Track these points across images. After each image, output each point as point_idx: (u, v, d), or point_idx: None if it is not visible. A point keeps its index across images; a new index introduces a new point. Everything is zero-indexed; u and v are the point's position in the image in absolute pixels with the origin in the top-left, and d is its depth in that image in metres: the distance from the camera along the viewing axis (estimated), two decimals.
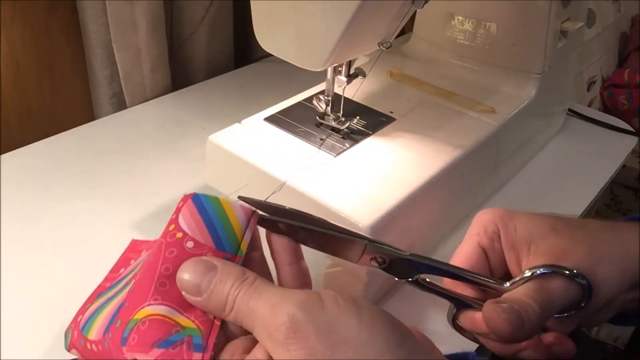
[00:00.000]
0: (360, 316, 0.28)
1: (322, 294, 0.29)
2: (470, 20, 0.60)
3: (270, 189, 0.44)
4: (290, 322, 0.28)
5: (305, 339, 0.27)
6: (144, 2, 0.64)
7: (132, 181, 0.57)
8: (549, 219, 0.39)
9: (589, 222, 0.40)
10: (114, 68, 0.68)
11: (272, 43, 0.44)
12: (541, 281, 0.35)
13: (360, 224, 0.39)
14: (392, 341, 0.28)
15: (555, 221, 0.39)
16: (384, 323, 0.29)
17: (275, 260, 0.35)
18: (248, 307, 0.29)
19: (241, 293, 0.30)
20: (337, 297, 0.29)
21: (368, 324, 0.28)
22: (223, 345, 0.31)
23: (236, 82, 0.77)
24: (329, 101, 0.48)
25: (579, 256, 0.36)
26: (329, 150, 0.46)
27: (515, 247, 0.38)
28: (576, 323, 0.38)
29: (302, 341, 0.27)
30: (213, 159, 0.48)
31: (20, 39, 0.62)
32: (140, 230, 0.50)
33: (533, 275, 0.34)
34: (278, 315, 0.28)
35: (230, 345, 0.31)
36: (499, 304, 0.33)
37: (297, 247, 0.35)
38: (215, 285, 0.30)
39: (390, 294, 0.45)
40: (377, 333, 0.28)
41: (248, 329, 0.30)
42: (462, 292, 0.38)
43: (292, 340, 0.27)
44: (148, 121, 0.67)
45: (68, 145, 0.61)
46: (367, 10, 0.37)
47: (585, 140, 0.71)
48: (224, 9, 0.77)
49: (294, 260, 0.34)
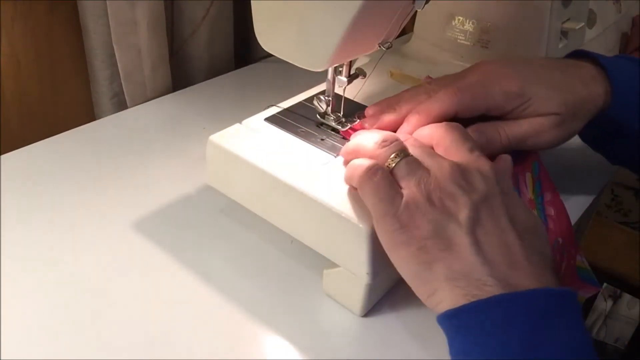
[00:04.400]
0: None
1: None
2: (470, 21, 0.60)
3: (271, 189, 0.44)
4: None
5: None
6: (145, 2, 0.64)
7: (132, 181, 0.57)
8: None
9: (535, 59, 0.49)
10: (115, 68, 0.68)
11: (273, 43, 0.44)
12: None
13: (361, 224, 0.39)
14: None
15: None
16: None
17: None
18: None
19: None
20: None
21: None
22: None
23: (237, 82, 0.77)
24: (329, 101, 0.48)
25: (512, 75, 0.44)
26: (329, 150, 0.46)
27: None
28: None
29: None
30: (214, 159, 0.48)
31: (20, 39, 0.62)
32: (140, 230, 0.50)
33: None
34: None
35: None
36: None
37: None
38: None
39: (391, 293, 0.45)
40: None
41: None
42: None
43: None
44: (149, 121, 0.67)
45: (68, 146, 0.61)
46: (368, 10, 0.37)
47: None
48: (225, 9, 0.77)
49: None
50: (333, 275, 0.44)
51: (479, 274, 0.33)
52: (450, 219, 0.35)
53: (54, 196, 0.54)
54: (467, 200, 0.35)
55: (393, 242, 0.36)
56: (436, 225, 0.35)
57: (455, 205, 0.35)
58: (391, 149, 0.38)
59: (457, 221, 0.35)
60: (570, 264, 0.47)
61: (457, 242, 0.35)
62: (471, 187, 0.36)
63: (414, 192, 0.36)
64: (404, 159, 0.37)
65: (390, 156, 0.38)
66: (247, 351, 0.41)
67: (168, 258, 0.48)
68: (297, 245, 0.46)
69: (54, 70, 0.67)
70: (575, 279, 0.47)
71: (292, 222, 0.44)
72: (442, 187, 0.36)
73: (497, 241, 0.35)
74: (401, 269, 0.37)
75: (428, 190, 0.36)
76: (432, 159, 0.38)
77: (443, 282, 0.34)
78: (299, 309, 0.44)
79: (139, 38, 0.66)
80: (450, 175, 0.36)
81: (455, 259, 0.34)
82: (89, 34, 0.65)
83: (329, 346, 0.41)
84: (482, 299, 0.33)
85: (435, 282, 0.35)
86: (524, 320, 0.32)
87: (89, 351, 0.40)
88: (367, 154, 0.40)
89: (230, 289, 0.45)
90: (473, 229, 0.35)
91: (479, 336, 0.32)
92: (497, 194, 0.37)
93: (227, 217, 0.52)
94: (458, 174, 0.37)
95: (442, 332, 0.35)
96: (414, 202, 0.36)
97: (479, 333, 0.32)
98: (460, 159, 0.39)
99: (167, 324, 0.42)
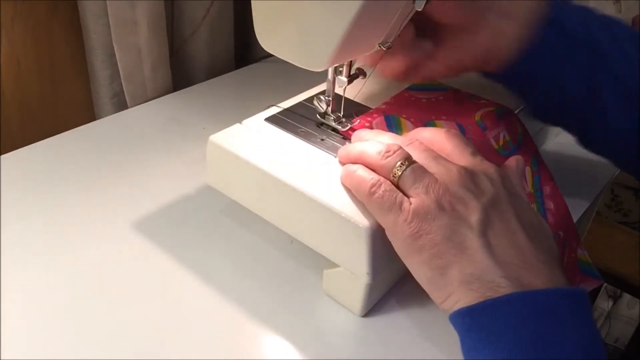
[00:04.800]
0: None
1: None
2: None
3: (271, 189, 0.44)
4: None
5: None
6: (145, 2, 0.64)
7: (132, 181, 0.57)
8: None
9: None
10: (115, 68, 0.68)
11: (273, 43, 0.44)
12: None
13: (361, 224, 0.39)
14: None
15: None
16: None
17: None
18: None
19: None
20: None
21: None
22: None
23: (237, 82, 0.77)
24: (329, 101, 0.48)
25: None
26: (329, 150, 0.46)
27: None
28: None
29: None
30: (214, 160, 0.48)
31: (20, 39, 0.62)
32: (140, 230, 0.50)
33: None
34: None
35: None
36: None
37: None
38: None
39: (391, 293, 0.45)
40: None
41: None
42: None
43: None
44: (149, 121, 0.67)
45: (69, 146, 0.61)
46: (368, 10, 0.37)
47: None
48: (225, 9, 0.77)
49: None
50: (333, 275, 0.44)
51: (492, 275, 0.34)
52: (461, 223, 0.36)
53: (54, 196, 0.54)
54: (477, 204, 0.36)
55: (406, 250, 0.37)
56: (448, 230, 0.35)
57: (466, 209, 0.36)
58: (395, 159, 0.38)
59: (469, 225, 0.35)
60: (572, 257, 0.47)
61: (469, 246, 0.35)
62: (479, 190, 0.37)
63: (423, 199, 0.36)
64: (408, 167, 0.38)
65: (396, 165, 0.38)
66: (247, 351, 0.41)
67: (168, 258, 0.48)
68: (297, 245, 0.46)
69: (54, 70, 0.67)
70: (577, 272, 0.47)
71: (292, 222, 0.44)
72: (452, 192, 0.36)
73: (508, 242, 0.35)
74: (416, 275, 0.37)
75: (437, 195, 0.36)
76: (438, 164, 0.38)
77: (457, 286, 0.35)
78: (299, 309, 0.44)
79: (139, 38, 0.66)
80: (458, 179, 0.37)
81: (468, 262, 0.35)
82: (89, 34, 0.65)
83: (329, 346, 0.41)
84: (495, 297, 0.33)
85: (450, 287, 0.35)
86: (535, 318, 0.32)
87: (88, 351, 0.40)
88: (371, 165, 0.40)
89: (230, 289, 0.45)
90: (485, 232, 0.35)
91: (491, 334, 0.33)
92: (504, 196, 0.37)
93: (227, 217, 0.52)
94: (466, 177, 0.37)
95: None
96: (424, 208, 0.36)
97: (490, 331, 0.33)
98: (464, 163, 0.39)
99: (167, 323, 0.42)
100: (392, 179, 0.38)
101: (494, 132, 0.48)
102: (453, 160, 0.39)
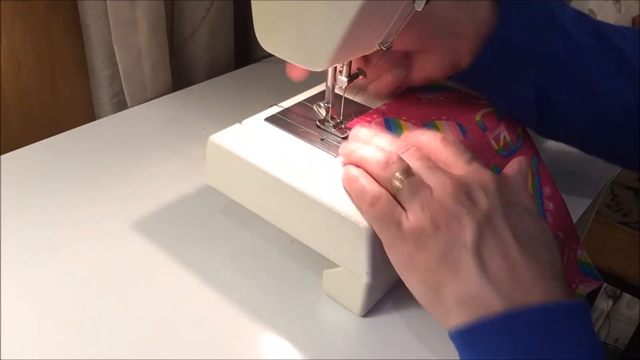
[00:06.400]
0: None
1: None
2: None
3: (271, 189, 0.44)
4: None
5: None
6: (145, 2, 0.64)
7: (132, 181, 0.57)
8: None
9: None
10: (115, 68, 0.68)
11: (273, 43, 0.44)
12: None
13: (361, 224, 0.39)
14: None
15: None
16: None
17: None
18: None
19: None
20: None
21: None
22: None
23: (237, 82, 0.78)
24: (328, 108, 0.48)
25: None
26: (329, 150, 0.46)
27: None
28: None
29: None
30: (214, 160, 0.48)
31: (20, 39, 0.62)
32: (140, 230, 0.50)
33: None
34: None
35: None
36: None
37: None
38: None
39: (391, 293, 0.45)
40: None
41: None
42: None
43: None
44: (149, 121, 0.67)
45: (68, 146, 0.61)
46: (368, 10, 0.37)
47: None
48: (225, 9, 0.77)
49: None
50: (333, 275, 0.44)
51: (486, 294, 0.34)
52: (456, 240, 0.36)
53: (54, 196, 0.54)
54: (470, 220, 0.36)
55: (402, 266, 0.38)
56: (442, 249, 0.36)
57: (459, 226, 0.36)
58: (393, 170, 0.38)
59: (463, 242, 0.36)
60: (572, 257, 0.47)
61: (463, 264, 0.35)
62: (473, 204, 0.37)
63: (418, 217, 0.37)
64: (406, 179, 0.38)
65: (394, 176, 0.38)
66: (247, 351, 0.41)
67: (168, 258, 0.48)
68: (297, 245, 0.46)
69: (54, 70, 0.67)
70: (576, 273, 0.47)
71: (292, 222, 0.44)
72: (446, 209, 0.36)
73: (502, 260, 0.35)
74: (413, 291, 0.38)
75: (432, 212, 0.36)
76: (434, 175, 0.38)
77: (452, 305, 0.35)
78: (299, 309, 0.44)
79: (139, 38, 0.66)
80: (452, 193, 0.37)
81: (462, 281, 0.35)
82: (89, 34, 0.65)
83: (329, 346, 0.41)
84: (488, 317, 0.33)
85: (445, 305, 0.36)
86: (529, 336, 0.32)
87: (88, 351, 0.40)
88: (371, 173, 0.40)
89: (230, 289, 0.45)
90: (478, 249, 0.35)
91: (488, 354, 0.33)
92: (499, 209, 0.37)
93: (227, 217, 0.52)
94: (460, 191, 0.37)
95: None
96: (419, 227, 0.36)
97: (486, 351, 0.33)
98: (460, 171, 0.39)
99: (167, 323, 0.42)
100: (390, 189, 0.38)
101: (495, 132, 0.49)
102: (449, 168, 0.40)
